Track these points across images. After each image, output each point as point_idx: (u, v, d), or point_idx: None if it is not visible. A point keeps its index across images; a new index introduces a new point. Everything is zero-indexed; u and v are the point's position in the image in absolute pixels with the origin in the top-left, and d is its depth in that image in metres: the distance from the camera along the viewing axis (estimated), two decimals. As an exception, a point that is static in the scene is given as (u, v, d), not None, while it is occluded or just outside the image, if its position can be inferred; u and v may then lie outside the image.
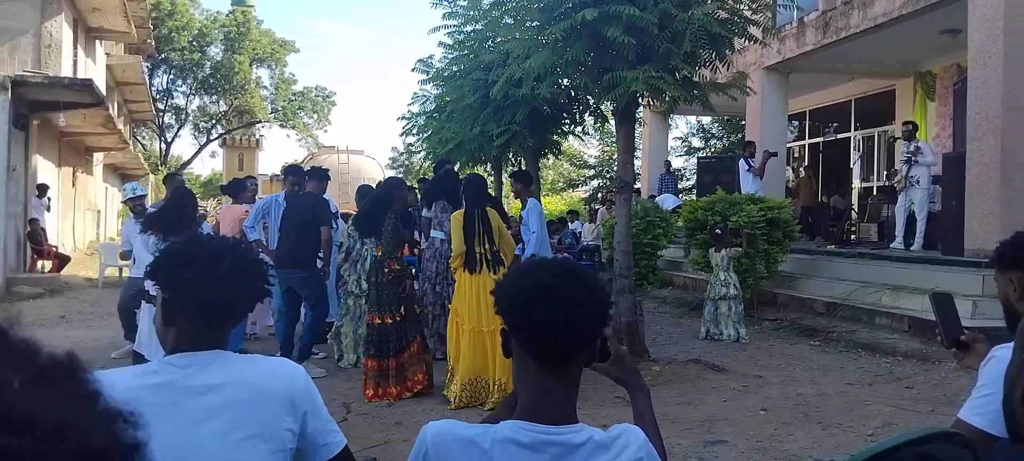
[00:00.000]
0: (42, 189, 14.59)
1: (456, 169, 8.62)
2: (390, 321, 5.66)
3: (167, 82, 38.95)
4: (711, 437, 4.66)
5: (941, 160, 10.35)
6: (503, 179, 10.61)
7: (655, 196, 15.30)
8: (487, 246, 5.60)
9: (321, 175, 7.10)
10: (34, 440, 0.49)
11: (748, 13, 6.68)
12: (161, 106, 38.32)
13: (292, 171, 7.33)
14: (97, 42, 19.61)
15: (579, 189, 33.39)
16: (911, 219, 10.36)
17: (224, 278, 1.60)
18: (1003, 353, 1.94)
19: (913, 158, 9.97)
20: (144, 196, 7.30)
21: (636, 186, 14.73)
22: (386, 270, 5.66)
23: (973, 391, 1.99)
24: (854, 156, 15.70)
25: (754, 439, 4.63)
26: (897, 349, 7.16)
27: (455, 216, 5.79)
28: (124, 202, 7.31)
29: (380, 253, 5.72)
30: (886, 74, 13.86)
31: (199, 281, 1.60)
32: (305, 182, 7.10)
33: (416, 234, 7.73)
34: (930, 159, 10.09)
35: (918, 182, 9.98)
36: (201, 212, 5.80)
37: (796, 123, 17.72)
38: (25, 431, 0.50)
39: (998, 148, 8.23)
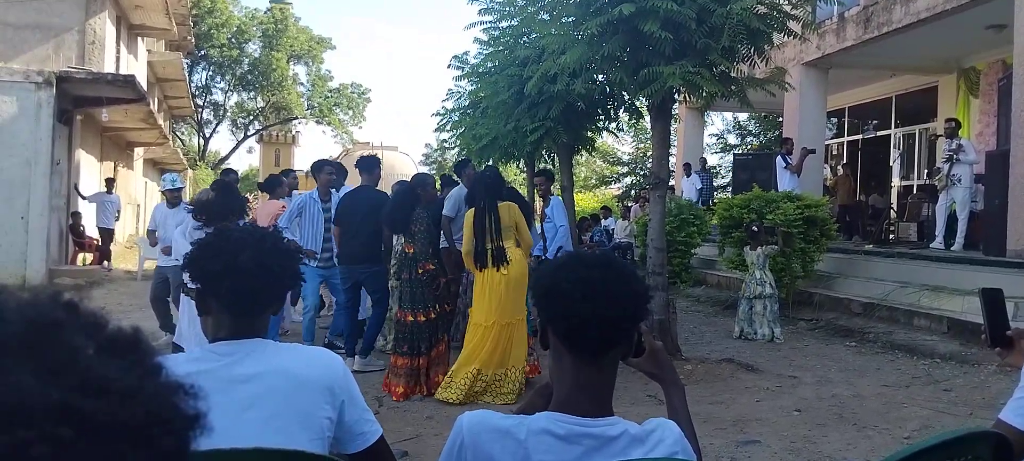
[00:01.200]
0: (109, 183, 15.05)
1: (484, 165, 8.63)
2: (423, 319, 5.69)
3: (206, 78, 39.67)
4: (744, 437, 4.63)
5: (984, 158, 10.13)
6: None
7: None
8: (495, 242, 5.54)
9: (373, 164, 7.10)
10: (108, 404, 0.52)
11: (788, 8, 6.60)
12: (200, 102, 39.01)
13: (318, 167, 7.24)
14: (139, 39, 20.01)
15: (612, 186, 33.25)
16: (952, 219, 10.16)
17: (246, 269, 1.64)
18: (1046, 352, 1.91)
19: (955, 156, 9.77)
20: (182, 189, 7.45)
21: (670, 183, 14.64)
22: (420, 271, 5.69)
23: (1015, 391, 1.96)
24: (894, 154, 15.43)
25: (787, 440, 4.59)
26: (936, 351, 7.04)
27: (468, 214, 5.74)
28: (163, 192, 7.45)
29: (412, 251, 5.73)
30: (928, 70, 13.59)
31: (223, 272, 1.65)
32: (340, 177, 7.19)
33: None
34: (972, 157, 9.88)
35: (960, 181, 9.78)
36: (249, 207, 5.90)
37: (835, 120, 17.45)
38: (100, 395, 0.53)
39: (1044, 146, 8.04)
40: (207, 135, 41.79)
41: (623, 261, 1.53)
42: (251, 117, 42.21)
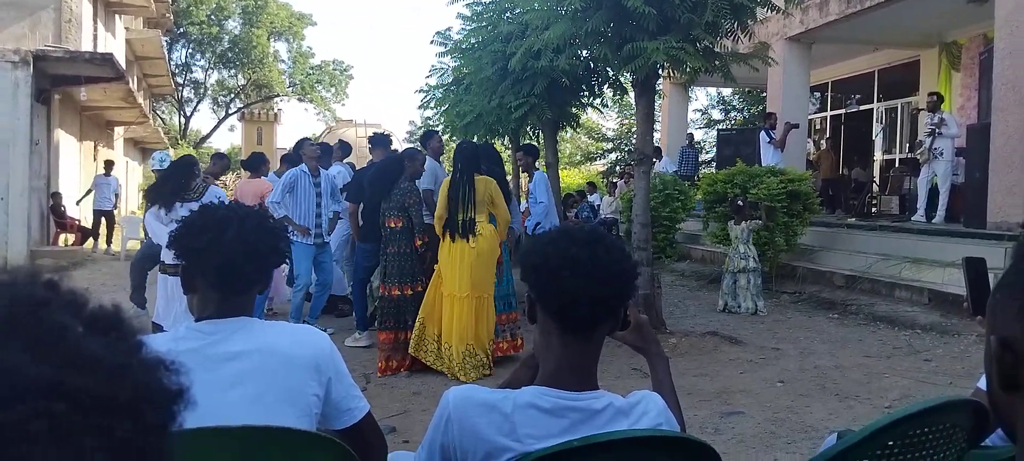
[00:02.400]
0: (108, 166, 15.08)
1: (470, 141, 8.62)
2: (410, 292, 5.71)
3: (186, 56, 39.19)
4: (727, 408, 4.69)
5: (965, 132, 10.22)
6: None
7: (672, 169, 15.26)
8: (469, 213, 5.53)
9: (386, 142, 7.21)
10: (97, 381, 0.53)
11: (771, -18, 6.61)
12: (180, 80, 38.56)
13: (302, 144, 7.26)
14: (116, 16, 19.70)
15: (597, 162, 33.26)
16: (933, 192, 10.27)
17: (230, 246, 1.64)
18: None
19: (937, 130, 9.86)
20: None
21: (655, 160, 14.67)
22: (418, 243, 5.69)
23: (993, 360, 1.99)
24: (876, 128, 15.53)
25: (771, 411, 4.65)
26: (916, 322, 7.14)
27: (444, 182, 5.76)
28: (154, 171, 7.33)
29: (398, 225, 5.72)
30: (911, 44, 13.65)
31: (206, 249, 1.65)
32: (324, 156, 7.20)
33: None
34: (954, 131, 9.97)
35: (942, 154, 9.87)
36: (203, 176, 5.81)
37: (818, 95, 17.51)
38: (90, 371, 0.53)
39: (1024, 119, 8.12)
40: (188, 114, 41.41)
41: (612, 238, 1.54)
42: (232, 95, 41.80)
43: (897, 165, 13.92)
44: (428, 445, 1.50)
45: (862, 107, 16.24)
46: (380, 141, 7.36)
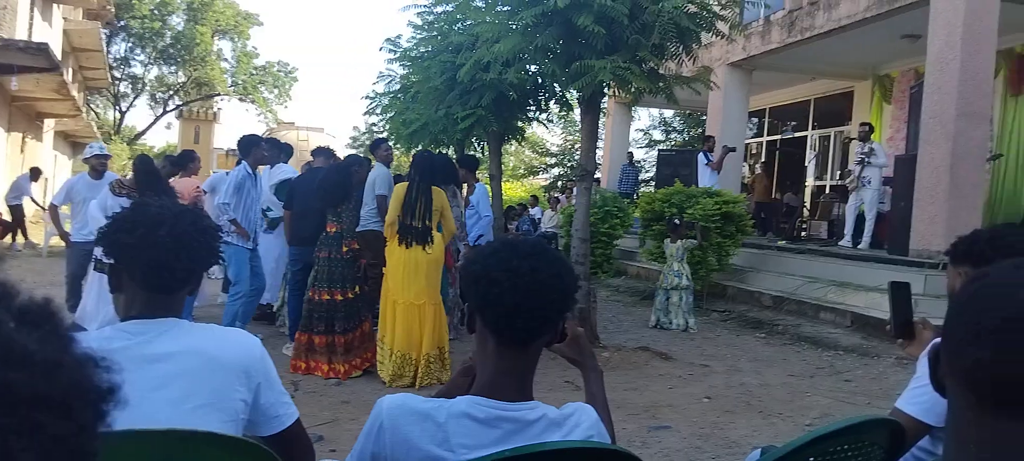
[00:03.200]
0: (36, 173, 14.73)
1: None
2: (340, 298, 5.66)
3: (125, 50, 38.05)
4: (655, 423, 4.77)
5: (893, 162, 10.63)
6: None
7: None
8: (422, 221, 5.57)
9: (329, 154, 7.16)
10: (31, 376, 0.51)
11: (717, 8, 6.77)
12: (118, 74, 37.39)
13: (253, 142, 7.02)
14: (54, 6, 19.04)
15: (540, 176, 33.48)
16: (860, 219, 10.63)
17: (163, 243, 1.59)
18: (942, 345, 2.03)
19: (867, 159, 10.22)
20: (109, 158, 7.11)
21: (597, 176, 14.84)
22: (345, 249, 5.67)
23: (911, 381, 2.08)
24: (809, 155, 16.02)
25: (697, 426, 4.75)
26: (839, 344, 7.37)
27: (398, 187, 5.76)
28: (86, 159, 7.00)
29: (334, 230, 5.70)
30: (846, 75, 14.15)
31: (138, 246, 1.60)
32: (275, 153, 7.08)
33: None
34: (883, 160, 10.35)
35: (870, 182, 10.24)
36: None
37: (755, 120, 18.00)
38: (23, 367, 0.51)
39: (949, 152, 8.48)
40: (124, 109, 40.13)
41: (555, 251, 1.54)
42: (171, 92, 40.71)
43: (827, 191, 14.38)
44: (358, 453, 1.48)
45: (797, 134, 16.75)
46: (324, 153, 7.31)
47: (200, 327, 1.75)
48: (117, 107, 39.78)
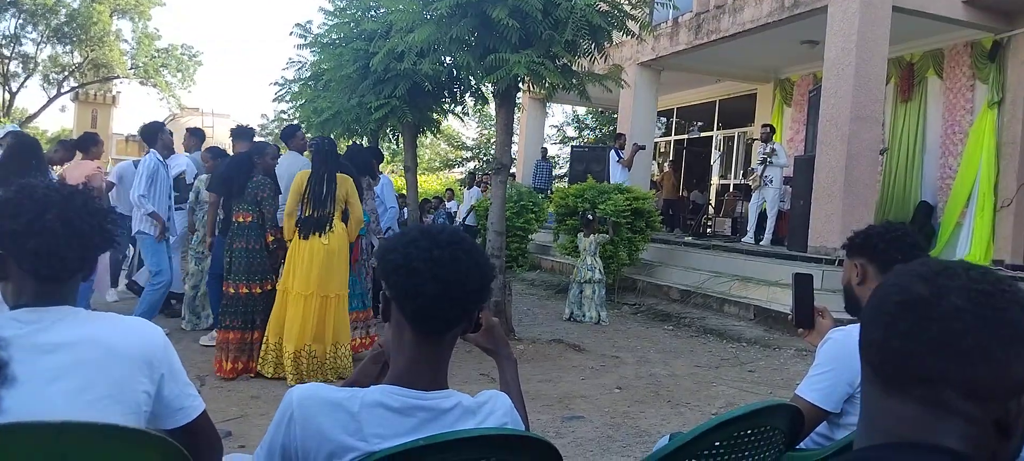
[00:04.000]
0: None
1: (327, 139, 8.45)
2: (259, 291, 5.48)
3: (15, 26, 35.66)
4: (568, 413, 4.84)
5: (793, 162, 11.11)
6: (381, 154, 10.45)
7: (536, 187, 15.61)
8: (327, 209, 5.34)
9: (249, 134, 6.81)
10: None
11: (627, 8, 6.90)
12: (7, 52, 35.10)
13: (158, 128, 6.70)
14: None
15: (456, 170, 33.42)
16: (762, 216, 11.08)
17: (51, 228, 1.50)
18: (839, 334, 2.14)
19: (768, 159, 10.65)
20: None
21: (512, 170, 14.93)
22: (270, 239, 5.47)
23: (810, 370, 2.18)
24: (715, 154, 16.57)
25: (609, 415, 4.85)
26: (743, 336, 7.67)
27: (298, 176, 5.45)
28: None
29: (248, 220, 5.49)
30: (749, 78, 14.68)
31: (24, 232, 1.50)
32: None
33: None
34: (783, 161, 10.81)
35: (771, 182, 10.68)
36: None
37: (664, 119, 18.47)
38: None
39: (844, 154, 8.93)
40: (13, 89, 37.71)
41: (472, 241, 1.54)
42: (66, 73, 38.51)
43: (731, 190, 14.92)
44: (268, 445, 1.45)
45: (703, 134, 17.30)
46: (243, 133, 6.95)
47: (98, 315, 1.66)
48: (7, 88, 37.37)
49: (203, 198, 6.80)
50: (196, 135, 8.02)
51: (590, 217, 8.93)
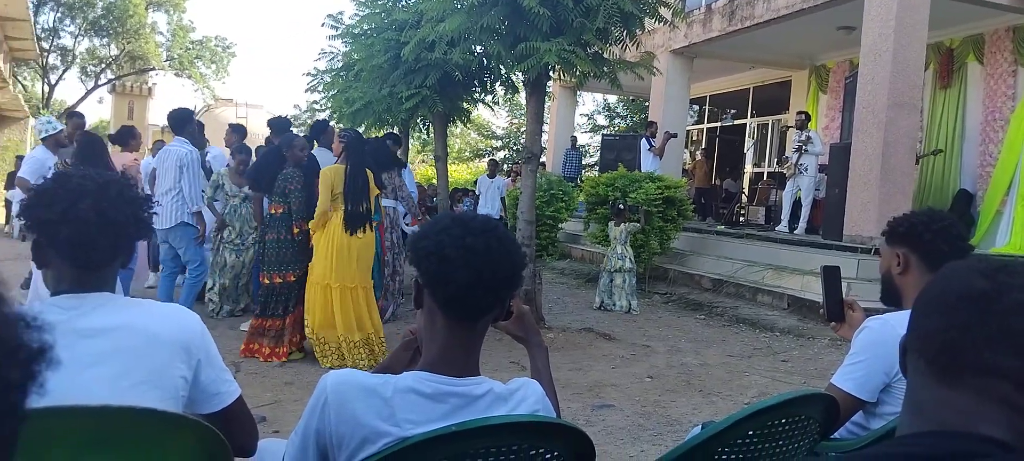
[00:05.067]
0: None
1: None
2: (292, 279, 5.57)
3: (54, 20, 36.40)
4: (599, 402, 4.83)
5: (829, 150, 10.94)
6: (411, 143, 10.51)
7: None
8: (365, 204, 5.48)
9: (285, 125, 6.96)
10: None
11: (659, -5, 6.83)
12: (46, 45, 35.80)
13: (187, 116, 6.78)
14: (-26, -31, 18.12)
15: (485, 159, 33.44)
16: (797, 205, 10.93)
17: (84, 217, 1.53)
18: (875, 323, 2.10)
19: (804, 147, 10.50)
20: (62, 131, 6.80)
21: (542, 159, 14.90)
22: (297, 231, 5.55)
23: (846, 358, 2.15)
24: (748, 142, 16.38)
25: (639, 404, 4.83)
26: (776, 325, 7.58)
27: (327, 171, 5.51)
28: (43, 139, 6.62)
29: (279, 211, 5.58)
30: (784, 65, 14.47)
31: (59, 220, 1.53)
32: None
33: None
34: (819, 148, 10.65)
35: (806, 170, 10.52)
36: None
37: (696, 107, 18.30)
38: None
39: (881, 141, 8.76)
40: (52, 82, 38.49)
41: (504, 229, 1.54)
42: (103, 65, 39.20)
43: (765, 178, 14.73)
44: (302, 430, 1.47)
45: (736, 122, 17.09)
46: (280, 125, 7.07)
47: (136, 302, 1.69)
48: (46, 80, 38.15)
49: (229, 190, 6.91)
50: (237, 131, 8.07)
51: (621, 206, 8.89)
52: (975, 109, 11.04)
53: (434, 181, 10.81)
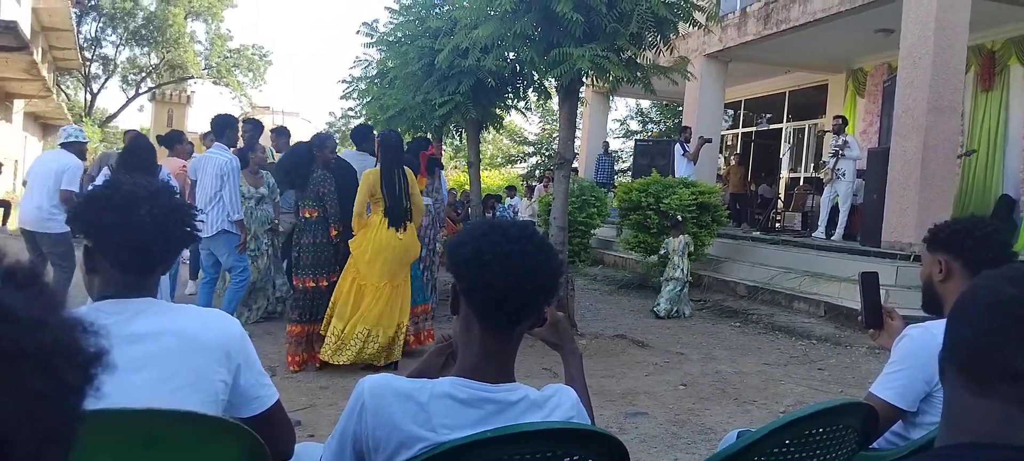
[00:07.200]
0: None
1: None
2: (325, 284, 5.61)
3: (96, 30, 37.37)
4: (632, 409, 4.81)
5: (866, 155, 10.77)
6: (443, 149, 10.56)
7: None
8: (404, 203, 5.52)
9: (286, 134, 7.16)
10: (15, 331, 0.52)
11: (694, -1, 6.79)
12: (88, 55, 36.74)
13: (227, 122, 6.85)
14: (21, -18, 18.62)
15: (518, 165, 33.47)
16: (834, 210, 10.77)
17: (140, 223, 1.57)
18: (916, 332, 2.07)
19: (841, 151, 10.35)
20: (86, 143, 6.93)
21: (574, 165, 14.87)
22: (334, 234, 5.59)
23: (885, 367, 2.11)
24: (784, 147, 16.18)
25: (673, 412, 4.79)
26: (812, 333, 7.47)
27: (368, 173, 5.56)
28: (62, 145, 6.78)
29: (314, 215, 5.61)
30: (820, 69, 14.29)
31: (114, 226, 1.57)
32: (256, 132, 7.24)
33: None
34: (856, 153, 10.48)
35: (844, 175, 10.37)
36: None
37: (731, 112, 18.12)
38: (6, 322, 0.52)
39: (920, 146, 8.60)
40: (95, 90, 39.44)
41: (542, 236, 1.55)
42: (143, 74, 40.08)
43: (801, 183, 14.55)
44: (340, 434, 1.49)
45: (772, 126, 16.90)
46: (281, 132, 7.28)
47: (178, 307, 1.73)
48: (88, 89, 39.10)
49: (245, 192, 7.00)
50: (282, 134, 8.18)
51: (678, 218, 8.92)
52: (1018, 112, 10.80)
53: (467, 187, 10.84)
